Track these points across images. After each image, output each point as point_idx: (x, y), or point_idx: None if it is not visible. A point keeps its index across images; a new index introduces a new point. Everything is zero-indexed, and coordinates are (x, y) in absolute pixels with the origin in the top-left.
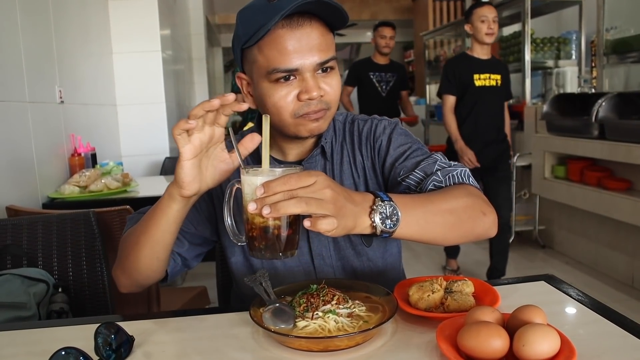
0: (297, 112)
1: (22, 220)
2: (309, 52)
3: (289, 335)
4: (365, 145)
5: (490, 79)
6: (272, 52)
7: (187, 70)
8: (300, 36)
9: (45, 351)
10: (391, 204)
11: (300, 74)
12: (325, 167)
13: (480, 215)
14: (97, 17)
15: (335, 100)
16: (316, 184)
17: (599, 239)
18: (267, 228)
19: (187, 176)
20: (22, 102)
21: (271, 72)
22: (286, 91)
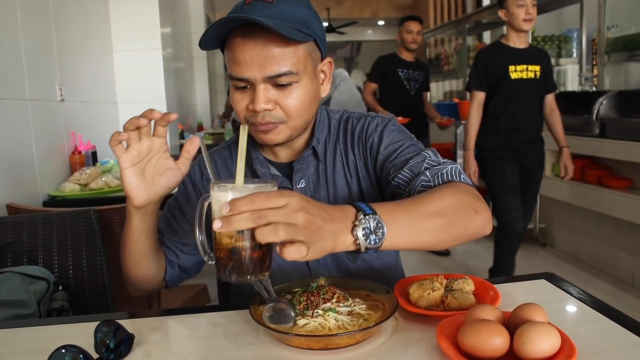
0: (248, 119)
1: (23, 218)
2: (260, 64)
3: (289, 333)
4: (357, 144)
5: (527, 70)
6: (229, 59)
7: (187, 68)
8: (253, 46)
9: (46, 349)
10: (375, 217)
11: (252, 83)
12: (318, 168)
13: (472, 213)
14: (98, 15)
15: (294, 114)
16: (288, 206)
17: (599, 237)
18: (234, 249)
19: (130, 184)
20: (22, 100)
21: (229, 77)
22: (240, 97)
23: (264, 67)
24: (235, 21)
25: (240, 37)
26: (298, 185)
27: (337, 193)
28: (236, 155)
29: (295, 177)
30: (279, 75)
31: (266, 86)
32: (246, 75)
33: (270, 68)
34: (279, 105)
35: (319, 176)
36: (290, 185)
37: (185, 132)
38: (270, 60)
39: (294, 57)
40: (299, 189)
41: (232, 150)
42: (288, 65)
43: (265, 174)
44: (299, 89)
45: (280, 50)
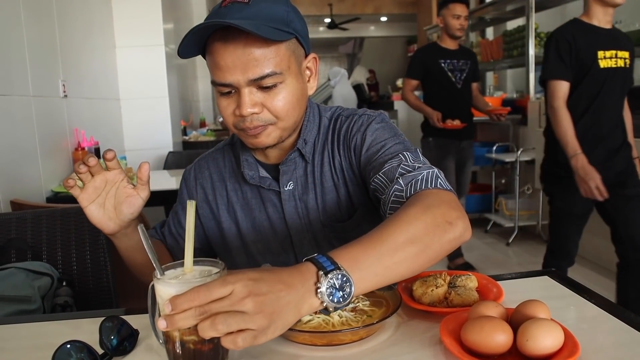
0: (236, 125)
1: (26, 214)
2: (242, 68)
3: (292, 329)
4: (342, 145)
5: (617, 57)
6: (210, 64)
7: (190, 64)
8: (233, 50)
9: (50, 344)
10: (338, 273)
11: (236, 88)
12: (306, 169)
13: (446, 228)
14: (100, 11)
15: (283, 115)
16: (233, 295)
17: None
18: (182, 342)
19: (94, 218)
20: (25, 96)
21: (212, 83)
22: (226, 103)
23: (247, 70)
24: (212, 27)
25: (219, 42)
26: (286, 188)
27: (325, 195)
28: (229, 160)
29: (282, 179)
30: (263, 77)
31: (251, 89)
32: (229, 80)
33: (253, 70)
34: (266, 108)
35: (307, 178)
36: (278, 188)
37: (188, 129)
38: (252, 62)
39: (277, 57)
40: (287, 191)
41: (225, 154)
42: (271, 66)
43: (254, 176)
44: (285, 89)
45: (261, 51)
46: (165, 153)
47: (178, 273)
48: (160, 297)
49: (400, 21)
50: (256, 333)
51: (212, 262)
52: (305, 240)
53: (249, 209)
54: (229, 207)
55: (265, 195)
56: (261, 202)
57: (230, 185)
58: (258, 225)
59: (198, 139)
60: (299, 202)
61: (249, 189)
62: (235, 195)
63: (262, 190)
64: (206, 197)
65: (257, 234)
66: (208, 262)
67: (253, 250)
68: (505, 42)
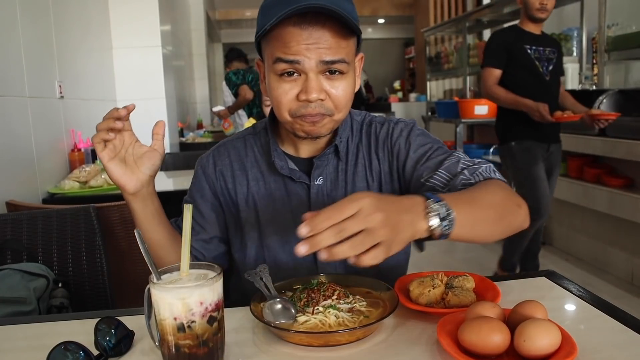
0: (294, 112)
1: (22, 215)
2: (314, 49)
3: (289, 330)
4: (382, 149)
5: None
6: (278, 43)
7: (187, 66)
8: (309, 34)
9: (45, 345)
10: (443, 204)
11: (303, 71)
12: (338, 167)
13: (516, 208)
14: (97, 12)
15: (342, 106)
16: (363, 211)
17: (598, 235)
18: (177, 347)
19: (116, 173)
20: (21, 97)
21: (275, 61)
22: (288, 87)
23: (321, 52)
24: (311, 8)
25: (294, 25)
26: (316, 182)
27: (354, 192)
28: (251, 149)
29: (314, 173)
30: (334, 62)
31: (318, 75)
32: (298, 57)
33: (327, 53)
34: (329, 96)
35: (337, 175)
36: (307, 181)
37: (185, 130)
38: (327, 46)
39: (347, 47)
40: (316, 185)
41: (246, 143)
42: (343, 53)
43: (283, 167)
44: (347, 80)
45: (336, 38)
46: None
47: (174, 277)
48: (155, 301)
49: (398, 23)
50: (384, 247)
51: (208, 266)
52: None
53: (271, 200)
54: (248, 196)
55: (292, 187)
56: (286, 194)
57: (252, 175)
58: (280, 217)
59: (195, 141)
60: (327, 198)
61: (273, 179)
62: (257, 185)
63: (289, 183)
64: (226, 185)
65: (278, 226)
66: (204, 265)
67: (270, 242)
68: None
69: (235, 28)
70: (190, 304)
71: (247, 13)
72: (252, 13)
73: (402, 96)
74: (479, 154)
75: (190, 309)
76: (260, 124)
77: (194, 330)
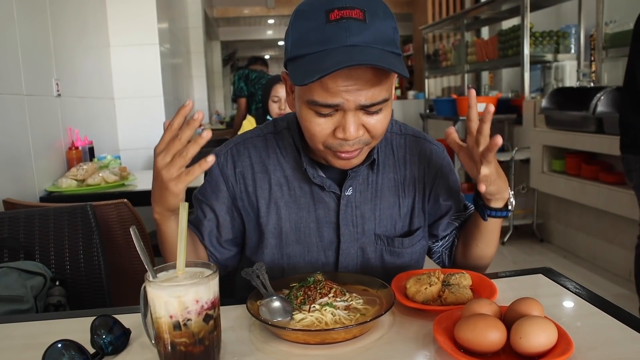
0: (329, 146)
1: (19, 213)
2: (355, 92)
3: (286, 328)
4: (419, 166)
5: None
6: (314, 84)
7: (185, 63)
8: (348, 76)
9: (42, 344)
10: (513, 205)
11: (341, 109)
12: (368, 179)
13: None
14: (95, 10)
15: (378, 135)
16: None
17: (596, 232)
18: (172, 345)
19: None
20: (18, 95)
21: (311, 102)
22: (323, 122)
23: (360, 96)
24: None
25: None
26: (346, 193)
27: (385, 208)
28: (274, 150)
29: (346, 183)
30: (374, 104)
31: (356, 113)
32: (337, 101)
33: (367, 96)
34: (367, 130)
35: (367, 186)
36: (338, 191)
37: None
38: (367, 88)
39: (387, 82)
40: (346, 196)
41: (268, 143)
42: (384, 93)
43: (315, 175)
44: (386, 110)
45: (378, 78)
46: None
47: (170, 275)
48: (151, 299)
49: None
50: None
51: (204, 264)
52: (352, 249)
53: (296, 207)
54: (270, 202)
55: (320, 196)
56: (312, 202)
57: (275, 179)
58: (304, 226)
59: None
60: (356, 210)
61: (298, 185)
62: (280, 191)
63: (316, 190)
64: (246, 189)
65: (300, 234)
66: (200, 264)
67: (290, 251)
68: (501, 41)
69: (233, 26)
70: (186, 302)
71: (245, 11)
72: (250, 10)
73: (400, 94)
74: None
75: (186, 307)
76: (282, 122)
77: (190, 329)
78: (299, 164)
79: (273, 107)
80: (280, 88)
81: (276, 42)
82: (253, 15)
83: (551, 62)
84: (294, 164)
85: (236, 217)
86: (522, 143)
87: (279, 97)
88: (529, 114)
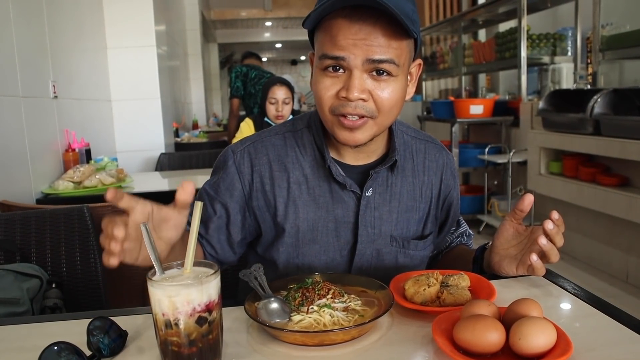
0: (334, 108)
1: (15, 215)
2: (362, 46)
3: (283, 329)
4: (436, 173)
5: None
6: (326, 36)
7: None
8: (358, 29)
9: (38, 346)
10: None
11: (348, 67)
12: (388, 180)
13: None
14: (91, 12)
15: (385, 110)
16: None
17: (593, 234)
18: (166, 342)
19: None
20: (15, 97)
21: (321, 57)
22: (330, 83)
23: (368, 50)
24: (362, 1)
25: (345, 17)
26: (367, 193)
27: (402, 210)
28: (292, 148)
29: (367, 184)
30: (382, 61)
31: (362, 74)
32: (343, 53)
33: (375, 52)
34: (373, 97)
35: (387, 188)
36: (359, 191)
37: (181, 130)
38: (376, 44)
39: (398, 48)
40: (367, 197)
41: (286, 141)
42: (392, 53)
43: (337, 174)
44: (395, 83)
45: (387, 37)
46: (157, 155)
47: (175, 273)
48: (153, 297)
49: None
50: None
51: (207, 264)
52: (368, 250)
53: (315, 206)
54: (289, 201)
55: (339, 195)
56: (331, 201)
57: (294, 178)
58: (321, 225)
59: (190, 141)
60: (374, 211)
61: (318, 184)
62: (299, 189)
63: (336, 190)
64: (263, 188)
65: (317, 233)
66: (204, 264)
67: (306, 251)
68: (498, 44)
69: (231, 28)
70: (176, 303)
71: (243, 13)
72: (247, 13)
73: None
74: (474, 153)
75: (176, 308)
76: (301, 122)
77: (180, 329)
78: (319, 162)
79: (270, 108)
80: (278, 90)
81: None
82: (250, 18)
83: (548, 64)
84: (313, 163)
85: (248, 217)
86: (520, 145)
87: (276, 99)
88: (526, 116)
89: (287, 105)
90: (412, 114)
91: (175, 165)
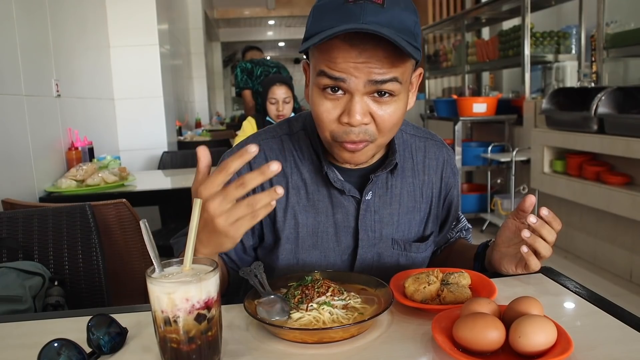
0: (335, 136)
1: (18, 213)
2: (363, 68)
3: (283, 327)
4: (436, 172)
5: None
6: (324, 55)
7: (185, 64)
8: (359, 53)
9: (39, 343)
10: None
11: (349, 90)
12: (387, 183)
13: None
14: (94, 11)
15: (386, 130)
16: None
17: (597, 233)
18: (165, 339)
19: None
20: (18, 96)
21: (319, 73)
22: (331, 106)
23: (370, 73)
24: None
25: (344, 41)
26: (366, 197)
27: (403, 213)
28: (290, 152)
29: (367, 187)
30: (384, 81)
31: (363, 97)
32: (343, 75)
33: (377, 72)
34: (374, 120)
35: (387, 190)
36: (359, 195)
37: (184, 129)
38: (378, 66)
39: (401, 67)
40: (366, 201)
41: (284, 145)
42: (395, 72)
43: (335, 179)
44: (397, 102)
45: (389, 59)
46: (160, 153)
47: (174, 270)
48: (153, 294)
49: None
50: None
51: (207, 262)
52: (369, 254)
53: (314, 211)
54: (287, 207)
55: (338, 200)
56: (330, 206)
57: (292, 183)
58: (321, 230)
59: (193, 139)
60: (374, 215)
61: (316, 189)
62: (297, 195)
63: (335, 195)
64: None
65: (317, 239)
66: (203, 261)
67: (306, 257)
68: (501, 42)
69: (234, 27)
70: (175, 300)
71: (246, 12)
72: (250, 12)
73: None
74: (477, 152)
75: (175, 305)
76: (297, 123)
77: (179, 326)
78: (317, 166)
79: (271, 108)
80: (278, 89)
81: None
82: (253, 17)
83: (552, 62)
84: (311, 167)
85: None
86: (523, 144)
87: (276, 98)
88: (529, 114)
89: (288, 104)
90: (415, 113)
91: (178, 163)
